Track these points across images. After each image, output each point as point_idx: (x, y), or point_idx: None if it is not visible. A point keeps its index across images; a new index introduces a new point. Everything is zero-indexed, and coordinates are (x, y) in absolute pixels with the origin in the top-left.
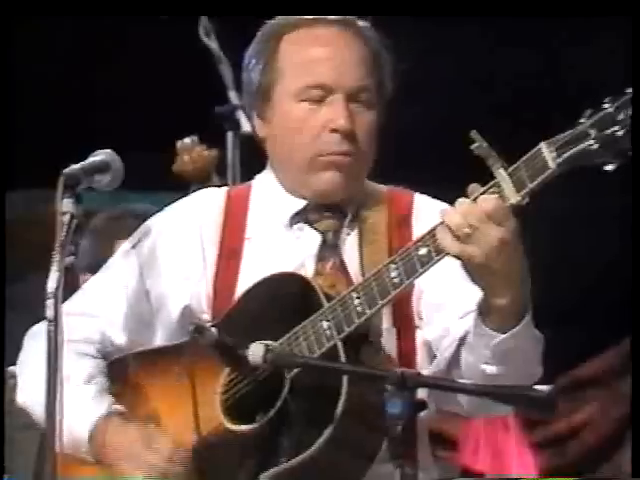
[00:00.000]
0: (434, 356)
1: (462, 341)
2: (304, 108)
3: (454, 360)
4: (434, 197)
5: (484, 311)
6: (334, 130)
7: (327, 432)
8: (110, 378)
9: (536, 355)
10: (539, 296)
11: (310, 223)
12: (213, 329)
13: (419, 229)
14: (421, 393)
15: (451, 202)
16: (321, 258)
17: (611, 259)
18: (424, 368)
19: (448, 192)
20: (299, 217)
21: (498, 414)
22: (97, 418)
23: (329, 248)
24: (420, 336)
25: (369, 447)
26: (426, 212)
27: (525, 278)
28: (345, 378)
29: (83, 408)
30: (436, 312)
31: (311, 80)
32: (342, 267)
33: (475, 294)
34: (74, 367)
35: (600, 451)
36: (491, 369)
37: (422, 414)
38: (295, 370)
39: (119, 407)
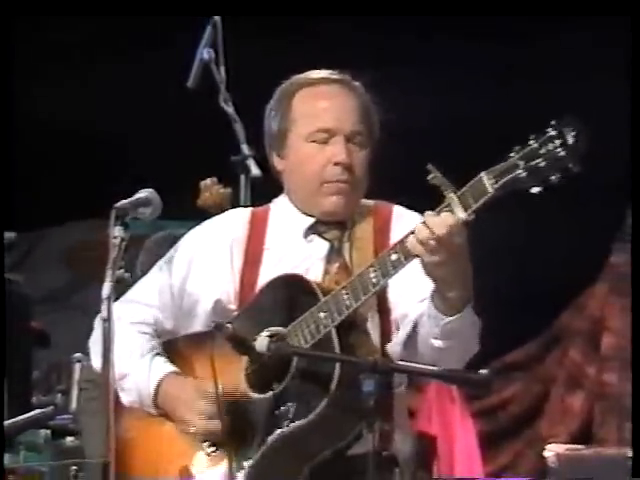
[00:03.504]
0: (397, 329)
1: (417, 322)
2: (313, 147)
3: (410, 336)
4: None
5: (436, 299)
6: (337, 163)
7: (324, 401)
8: (165, 353)
9: (474, 336)
10: (480, 301)
11: (320, 234)
12: (229, 325)
13: (396, 235)
14: None
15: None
16: (329, 261)
17: (537, 267)
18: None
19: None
20: (311, 230)
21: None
22: (160, 378)
23: (335, 253)
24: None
25: (356, 412)
26: (402, 221)
27: (470, 278)
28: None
29: (148, 372)
30: (400, 298)
31: (318, 126)
32: (345, 268)
33: (429, 284)
34: (138, 342)
35: (523, 420)
36: (439, 343)
37: (401, 393)
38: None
39: (176, 369)
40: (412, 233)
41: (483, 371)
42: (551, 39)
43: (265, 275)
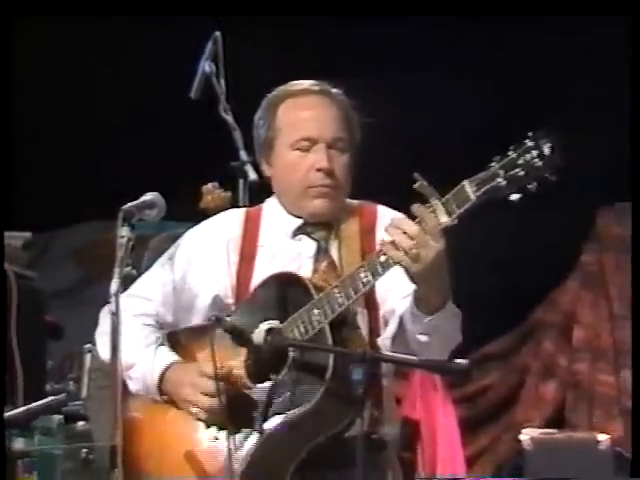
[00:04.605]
0: (386, 323)
1: (402, 318)
2: (297, 155)
3: (398, 331)
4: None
5: (417, 299)
6: (319, 169)
7: (321, 391)
8: (168, 344)
9: (456, 327)
10: (461, 296)
11: (308, 234)
12: (228, 319)
13: (381, 234)
14: None
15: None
16: (317, 259)
17: (514, 265)
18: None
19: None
20: (299, 230)
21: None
22: (164, 367)
23: (322, 252)
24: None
25: (349, 400)
26: (386, 220)
27: (447, 278)
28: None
29: (153, 361)
30: (386, 294)
31: (301, 135)
32: (333, 265)
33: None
34: (143, 333)
35: (500, 406)
36: (424, 338)
37: (389, 381)
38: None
39: (178, 358)
40: (392, 242)
41: (463, 361)
42: (551, 39)
43: (259, 271)
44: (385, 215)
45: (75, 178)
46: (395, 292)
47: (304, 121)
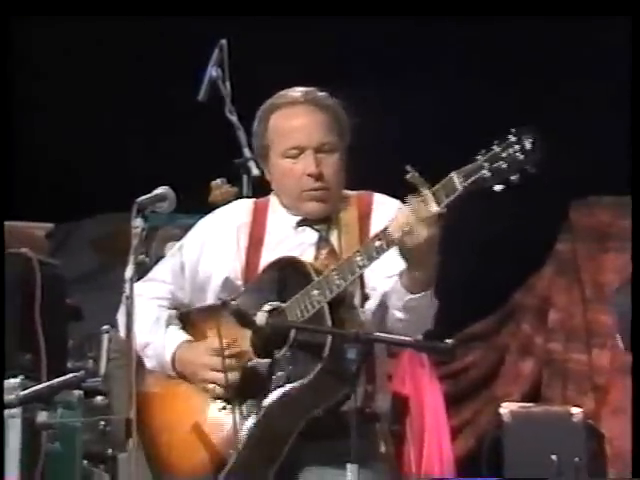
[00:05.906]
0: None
1: (385, 295)
2: (288, 162)
3: (379, 307)
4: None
5: (404, 277)
6: (309, 175)
7: (319, 366)
8: (181, 323)
9: (431, 314)
10: (447, 282)
11: (310, 225)
12: (233, 302)
13: (377, 220)
14: None
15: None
16: (318, 247)
17: (496, 254)
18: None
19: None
20: (302, 222)
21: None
22: (175, 347)
23: (323, 240)
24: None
25: (343, 376)
26: (382, 207)
27: (435, 264)
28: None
29: (166, 341)
30: (371, 274)
31: (290, 144)
32: (333, 252)
33: (394, 264)
34: (157, 314)
35: (482, 382)
36: (401, 315)
37: (381, 359)
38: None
39: (189, 337)
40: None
41: (448, 341)
42: (551, 39)
43: (266, 256)
44: (381, 202)
45: (93, 174)
46: (379, 272)
47: (292, 131)
